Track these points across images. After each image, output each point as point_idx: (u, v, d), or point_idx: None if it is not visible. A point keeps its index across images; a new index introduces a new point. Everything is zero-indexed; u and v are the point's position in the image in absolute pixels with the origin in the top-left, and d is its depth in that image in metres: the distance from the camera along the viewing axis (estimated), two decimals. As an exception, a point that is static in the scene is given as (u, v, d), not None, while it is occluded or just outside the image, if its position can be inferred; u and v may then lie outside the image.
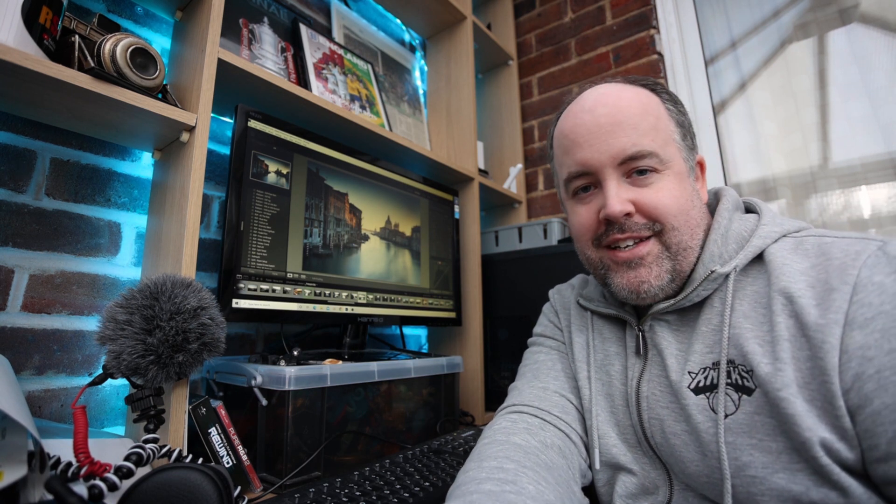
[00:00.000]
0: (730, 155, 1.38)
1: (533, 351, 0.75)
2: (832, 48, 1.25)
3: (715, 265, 0.53)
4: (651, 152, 0.54)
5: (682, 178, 0.56)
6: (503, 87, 1.75)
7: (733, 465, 0.47)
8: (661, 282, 0.55)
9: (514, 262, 1.31)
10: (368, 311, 1.00)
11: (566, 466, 0.56)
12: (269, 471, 0.73)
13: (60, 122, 0.75)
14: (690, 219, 0.55)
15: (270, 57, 1.06)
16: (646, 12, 1.48)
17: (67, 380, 0.76)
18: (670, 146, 0.56)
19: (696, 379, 0.52)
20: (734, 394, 0.49)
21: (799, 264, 0.49)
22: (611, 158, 0.54)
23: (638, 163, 0.54)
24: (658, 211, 0.54)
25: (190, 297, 0.61)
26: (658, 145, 0.54)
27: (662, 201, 0.54)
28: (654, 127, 0.55)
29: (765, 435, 0.46)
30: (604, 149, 0.55)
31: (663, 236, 0.54)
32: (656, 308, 0.57)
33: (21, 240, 0.73)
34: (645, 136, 0.54)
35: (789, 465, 0.44)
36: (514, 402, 0.65)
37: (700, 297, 0.54)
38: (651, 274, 0.55)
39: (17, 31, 0.58)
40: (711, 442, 0.49)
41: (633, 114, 0.55)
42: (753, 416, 0.47)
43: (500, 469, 0.48)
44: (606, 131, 0.55)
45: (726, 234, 0.55)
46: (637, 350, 0.60)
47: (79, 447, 0.52)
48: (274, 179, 0.86)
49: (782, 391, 0.44)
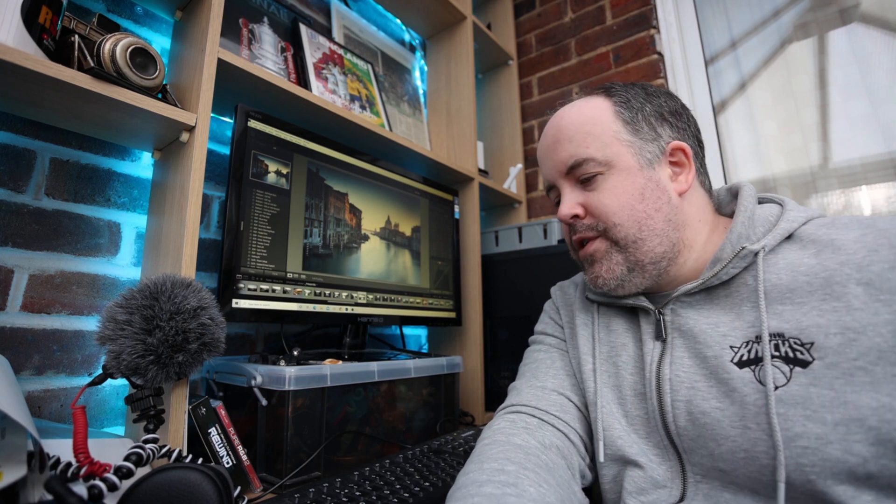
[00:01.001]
0: (730, 155, 1.37)
1: (533, 349, 0.75)
2: (832, 48, 1.24)
3: (744, 243, 0.55)
4: (586, 159, 0.60)
5: (629, 172, 0.59)
6: (503, 87, 1.75)
7: (784, 436, 0.46)
8: (614, 273, 0.60)
9: (514, 262, 1.31)
10: (368, 311, 1.00)
11: (566, 467, 0.56)
12: (269, 471, 0.73)
13: (60, 122, 0.75)
14: (636, 212, 0.58)
15: (270, 57, 1.06)
16: (646, 12, 1.48)
17: (67, 380, 0.76)
18: (612, 146, 0.60)
19: (738, 353, 0.52)
20: (784, 366, 0.48)
21: (847, 235, 0.50)
22: (558, 172, 0.63)
23: (578, 170, 0.61)
24: (599, 212, 0.60)
25: (190, 297, 0.61)
26: (594, 150, 0.60)
27: (603, 202, 0.59)
28: (590, 134, 0.61)
29: (820, 406, 0.45)
30: (551, 164, 0.64)
31: (608, 234, 0.60)
32: (682, 290, 0.57)
33: (21, 240, 0.73)
34: (580, 146, 0.61)
35: (846, 436, 0.44)
36: (512, 402, 0.65)
37: (729, 274, 0.55)
38: (602, 268, 0.61)
39: (17, 30, 0.58)
40: (759, 414, 0.48)
41: (570, 130, 0.62)
42: (809, 387, 0.46)
43: (501, 471, 0.48)
44: (552, 149, 0.64)
45: (752, 218, 0.57)
46: (657, 335, 0.59)
47: (78, 447, 0.52)
48: (274, 179, 0.86)
49: (859, 360, 0.44)
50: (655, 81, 1.42)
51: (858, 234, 0.49)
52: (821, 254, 0.51)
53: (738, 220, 0.56)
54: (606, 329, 0.66)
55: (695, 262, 0.60)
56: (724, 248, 0.56)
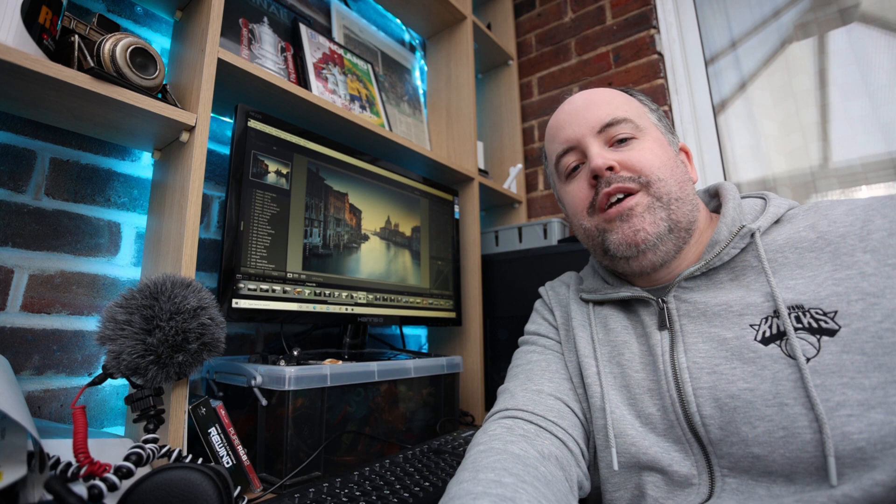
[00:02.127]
0: (730, 155, 1.37)
1: (526, 350, 0.71)
2: (832, 48, 1.24)
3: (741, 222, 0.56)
4: (625, 118, 0.60)
5: (662, 143, 0.61)
6: (503, 87, 1.75)
7: (825, 406, 0.45)
8: (658, 229, 0.57)
9: (514, 262, 1.31)
10: (368, 311, 1.00)
11: (564, 479, 0.53)
12: (269, 471, 0.73)
13: (60, 122, 0.75)
14: (676, 172, 0.59)
15: (270, 57, 1.06)
16: (646, 12, 1.48)
17: (67, 380, 0.76)
18: (645, 118, 0.62)
19: (760, 329, 0.51)
20: (811, 337, 0.48)
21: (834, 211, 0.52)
22: (590, 129, 0.61)
23: (615, 129, 0.60)
24: (641, 165, 0.58)
25: (190, 297, 0.61)
26: (633, 114, 0.61)
27: (645, 157, 0.58)
28: (626, 103, 0.62)
29: (856, 372, 0.45)
30: (582, 122, 0.62)
31: (651, 188, 0.57)
32: (684, 274, 0.57)
33: (21, 240, 0.73)
34: (618, 109, 0.61)
35: (885, 398, 0.43)
36: (507, 406, 0.61)
37: (730, 255, 0.55)
38: (645, 222, 0.57)
39: (17, 30, 0.58)
40: (795, 388, 0.47)
41: (604, 96, 0.63)
42: (841, 355, 0.46)
43: (498, 483, 0.45)
44: (584, 109, 0.62)
45: (740, 206, 0.59)
46: (662, 325, 0.58)
47: (78, 447, 0.52)
48: (274, 179, 0.86)
49: (884, 322, 0.45)
50: (655, 81, 1.42)
51: (846, 209, 0.52)
52: (816, 227, 0.52)
53: (730, 207, 0.58)
54: (604, 329, 0.64)
55: (694, 251, 0.60)
56: (720, 231, 0.57)
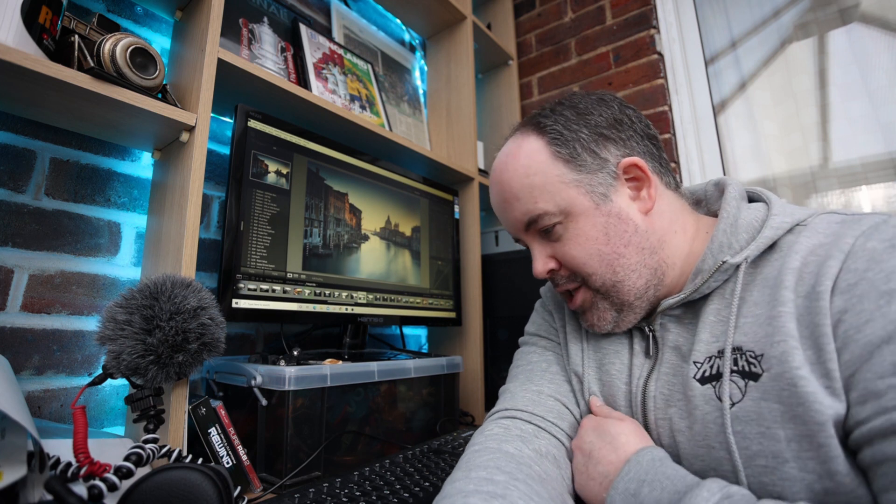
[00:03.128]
0: (730, 155, 1.37)
1: (526, 351, 0.71)
2: (832, 48, 1.24)
3: (725, 255, 0.52)
4: (541, 213, 0.57)
5: (588, 215, 0.56)
6: (503, 87, 1.75)
7: (743, 454, 0.44)
8: (605, 321, 0.59)
9: (514, 262, 1.31)
10: (368, 311, 1.00)
11: (560, 478, 0.53)
12: (269, 471, 0.73)
13: (60, 122, 0.75)
14: (605, 256, 0.56)
15: (270, 57, 1.06)
16: (646, 12, 1.48)
17: (67, 380, 0.76)
18: (560, 193, 0.57)
19: (701, 368, 0.50)
20: (740, 381, 0.47)
21: (809, 241, 0.48)
22: (516, 230, 0.62)
23: (536, 225, 0.59)
24: (572, 265, 0.58)
25: (190, 297, 0.61)
26: (544, 203, 0.57)
27: (570, 254, 0.58)
28: (534, 187, 0.58)
29: (772, 422, 0.44)
30: (510, 223, 0.63)
31: (588, 283, 0.58)
32: (665, 304, 0.56)
33: (21, 240, 0.73)
34: (528, 203, 0.58)
35: (799, 453, 0.42)
36: (506, 407, 0.61)
37: (710, 288, 0.53)
38: (594, 317, 0.60)
39: (17, 30, 0.58)
40: (720, 433, 0.46)
41: (514, 187, 0.60)
42: (760, 402, 0.44)
43: (490, 480, 0.45)
44: (504, 209, 0.62)
45: (735, 224, 0.54)
46: (647, 352, 0.58)
47: (78, 447, 0.52)
48: (274, 179, 0.86)
49: (801, 369, 0.42)
50: (655, 81, 1.42)
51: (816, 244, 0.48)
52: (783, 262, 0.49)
53: (720, 228, 0.54)
54: (596, 337, 0.64)
55: (680, 273, 0.58)
56: (705, 259, 0.54)
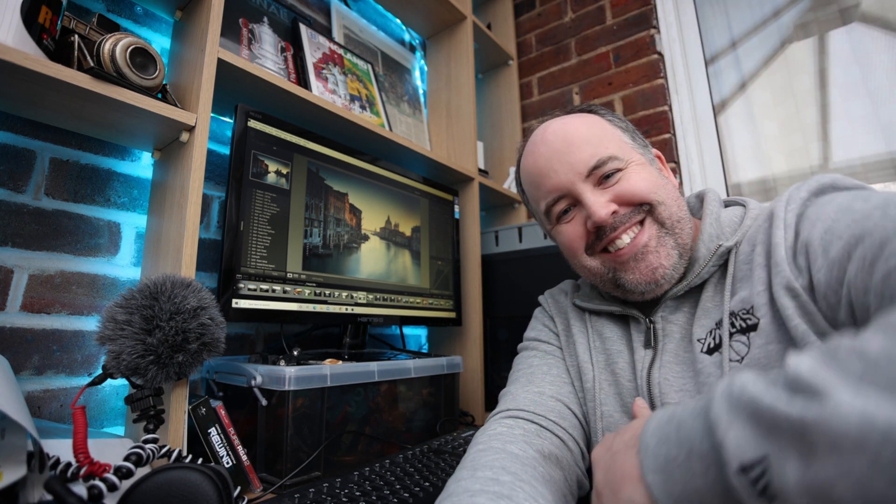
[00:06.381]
0: (730, 155, 1.37)
1: (526, 356, 0.72)
2: (833, 48, 1.24)
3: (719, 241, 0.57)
4: (609, 156, 0.59)
5: (646, 167, 0.61)
6: (503, 87, 1.75)
7: None
8: (672, 260, 0.57)
9: (514, 262, 1.31)
10: (368, 311, 1.00)
11: (563, 479, 0.54)
12: (269, 471, 0.73)
13: (60, 122, 0.75)
14: (669, 191, 0.59)
15: (270, 57, 1.06)
16: (646, 12, 1.48)
17: (67, 380, 0.75)
18: (624, 148, 0.61)
19: (705, 342, 0.53)
20: (742, 337, 0.50)
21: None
22: (577, 174, 0.59)
23: (602, 168, 0.59)
24: (639, 194, 0.58)
25: (190, 297, 0.61)
26: (613, 149, 0.60)
27: (638, 185, 0.58)
28: (604, 136, 0.61)
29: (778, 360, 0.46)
30: (567, 168, 0.60)
31: (655, 213, 0.58)
32: (670, 294, 0.58)
33: (20, 240, 0.73)
34: (598, 146, 0.59)
35: None
36: (508, 407, 0.62)
37: (709, 272, 0.56)
38: (661, 257, 0.57)
39: (17, 30, 0.58)
40: None
41: (581, 132, 0.61)
42: (766, 346, 0.48)
43: (496, 481, 0.46)
44: (564, 153, 0.60)
45: (719, 219, 0.60)
46: (647, 343, 0.60)
47: (78, 447, 0.52)
48: (274, 179, 0.86)
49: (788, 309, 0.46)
50: (655, 81, 1.42)
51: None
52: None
53: (707, 222, 0.59)
54: (600, 337, 0.66)
55: None
56: (698, 250, 0.58)
